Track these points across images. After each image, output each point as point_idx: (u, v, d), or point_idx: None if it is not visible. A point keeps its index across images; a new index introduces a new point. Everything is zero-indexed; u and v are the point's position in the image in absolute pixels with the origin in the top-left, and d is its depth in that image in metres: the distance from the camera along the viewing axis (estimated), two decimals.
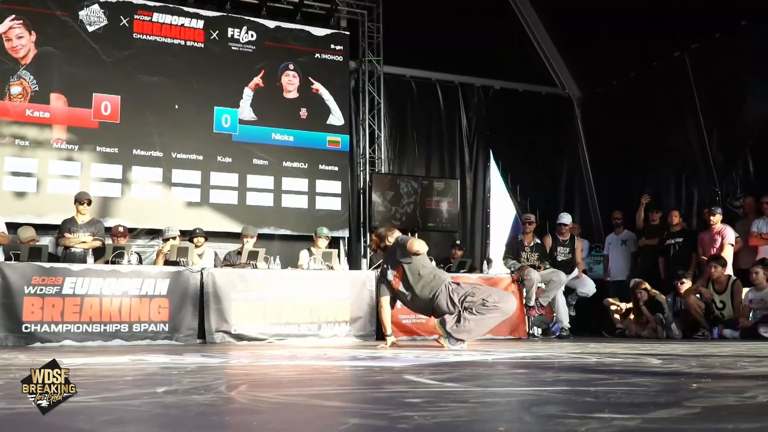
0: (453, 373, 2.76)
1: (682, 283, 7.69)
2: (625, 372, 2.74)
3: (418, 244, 5.51)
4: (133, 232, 8.62)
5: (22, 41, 8.38)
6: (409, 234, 5.75)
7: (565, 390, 2.11)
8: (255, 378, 2.77)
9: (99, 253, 7.01)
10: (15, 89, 8.30)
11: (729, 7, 8.50)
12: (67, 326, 6.08)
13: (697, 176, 9.33)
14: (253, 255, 7.20)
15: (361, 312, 7.11)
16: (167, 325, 6.40)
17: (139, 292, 6.35)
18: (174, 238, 7.53)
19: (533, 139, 10.91)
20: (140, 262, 7.36)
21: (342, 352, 4.38)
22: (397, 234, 5.83)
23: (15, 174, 8.21)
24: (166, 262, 7.08)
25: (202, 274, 6.59)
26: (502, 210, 11.08)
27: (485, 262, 8.86)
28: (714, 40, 8.95)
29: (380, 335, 7.16)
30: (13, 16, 8.34)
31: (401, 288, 5.58)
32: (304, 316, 6.87)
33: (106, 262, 6.58)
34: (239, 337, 6.58)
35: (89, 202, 7.50)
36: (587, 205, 11.28)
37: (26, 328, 5.95)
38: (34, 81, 8.37)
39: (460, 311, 5.15)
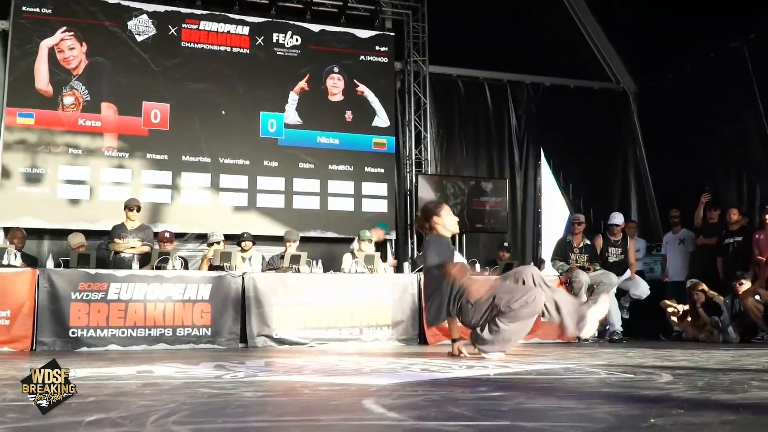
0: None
1: (741, 284, 7.33)
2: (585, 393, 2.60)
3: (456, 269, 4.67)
4: (183, 237, 8.79)
5: (74, 52, 8.62)
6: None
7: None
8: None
9: (147, 259, 7.14)
10: (68, 99, 8.54)
11: None
12: (112, 331, 6.20)
13: (758, 172, 8.90)
14: (295, 259, 7.21)
15: (404, 316, 7.03)
16: (209, 329, 6.46)
17: (182, 296, 6.44)
18: (218, 242, 7.61)
19: (586, 136, 10.60)
20: (186, 267, 7.50)
21: (385, 363, 4.27)
22: (446, 217, 4.91)
23: (69, 182, 8.45)
24: (211, 267, 7.15)
25: (243, 278, 6.64)
26: (554, 210, 10.83)
27: (538, 263, 8.67)
28: None
29: (423, 339, 7.09)
30: (65, 28, 8.59)
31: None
32: (345, 320, 6.84)
33: (152, 268, 6.69)
34: (281, 342, 6.59)
35: (138, 209, 7.65)
36: (645, 203, 10.92)
37: (73, 333, 6.09)
38: (86, 91, 8.61)
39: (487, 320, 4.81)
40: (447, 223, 4.92)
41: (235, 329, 6.55)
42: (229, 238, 8.38)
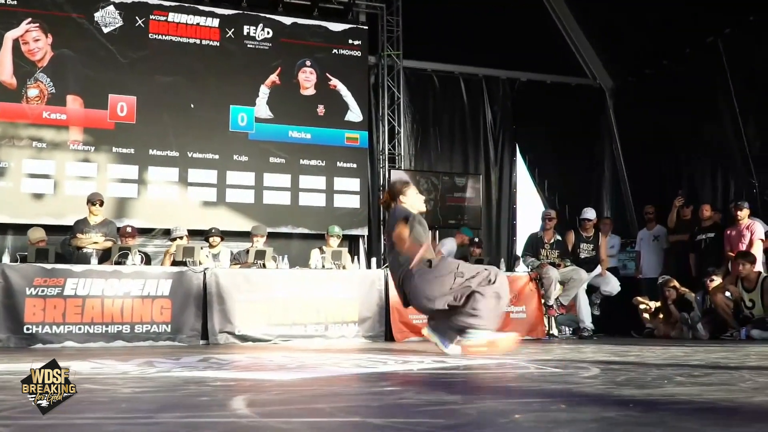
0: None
1: (712, 280, 7.26)
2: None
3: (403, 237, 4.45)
4: (151, 233, 8.65)
5: (39, 44, 8.45)
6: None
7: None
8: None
9: (108, 254, 6.99)
10: (32, 92, 8.37)
11: None
12: (68, 327, 6.05)
13: (733, 167, 8.85)
14: (260, 254, 7.09)
15: (370, 312, 6.92)
16: (169, 326, 6.32)
17: (141, 292, 6.29)
18: (181, 237, 7.47)
19: (562, 132, 10.54)
20: (148, 262, 7.35)
21: (325, 358, 4.17)
22: (412, 196, 4.78)
23: (32, 176, 8.28)
24: (174, 263, 7.01)
25: (205, 274, 6.50)
26: (529, 206, 10.76)
27: (512, 259, 8.58)
28: (748, 23, 8.47)
29: (389, 336, 6.98)
30: (30, 19, 8.41)
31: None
32: (311, 316, 6.72)
33: (112, 263, 6.55)
34: (243, 338, 6.46)
35: (101, 203, 7.50)
36: (620, 199, 10.86)
37: (28, 329, 5.94)
38: (51, 83, 8.44)
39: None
40: (414, 201, 4.78)
41: (196, 326, 6.41)
42: (197, 233, 8.25)
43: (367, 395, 2.27)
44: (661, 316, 8.01)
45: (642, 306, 8.30)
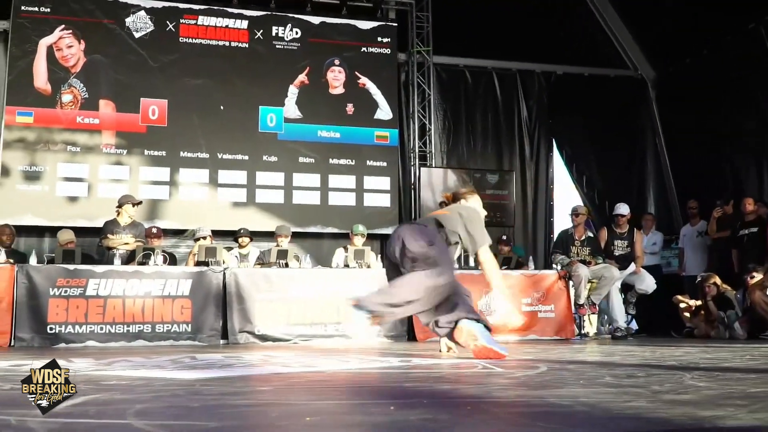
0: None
1: (752, 277, 6.92)
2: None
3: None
4: (183, 234, 8.74)
5: (72, 50, 8.64)
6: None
7: None
8: None
9: (133, 255, 7.07)
10: (66, 97, 8.57)
11: None
12: (90, 327, 6.14)
13: None
14: (282, 254, 7.07)
15: None
16: (190, 325, 6.36)
17: (161, 292, 6.35)
18: (204, 238, 7.51)
19: (601, 126, 10.24)
20: (174, 263, 7.41)
21: (317, 358, 4.10)
22: (474, 202, 4.50)
23: (67, 179, 8.47)
24: (197, 263, 7.05)
25: (224, 274, 6.52)
26: (568, 203, 10.45)
27: (551, 256, 8.35)
28: None
29: (412, 335, 6.87)
30: (63, 26, 8.61)
31: None
32: (331, 315, 6.65)
33: (136, 264, 6.62)
34: (263, 338, 6.45)
35: (134, 205, 7.54)
36: (664, 194, 10.46)
37: (51, 329, 6.05)
38: (84, 89, 8.62)
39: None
40: (476, 204, 4.51)
41: (216, 325, 6.43)
42: (227, 234, 8.32)
43: (214, 396, 2.19)
44: (701, 314, 7.68)
45: (682, 305, 7.99)
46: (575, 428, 1.53)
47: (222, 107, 8.99)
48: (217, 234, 8.11)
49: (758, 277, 6.89)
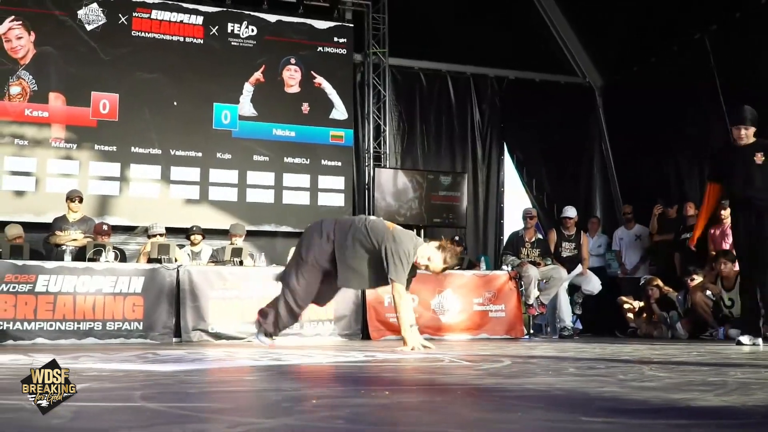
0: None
1: (693, 279, 7.20)
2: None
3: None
4: (133, 231, 8.63)
5: (21, 42, 8.44)
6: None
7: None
8: None
9: (85, 252, 6.96)
10: (14, 89, 8.37)
11: None
12: (40, 324, 6.03)
13: None
14: (236, 252, 7.06)
15: (347, 310, 6.87)
16: (141, 323, 6.29)
17: (113, 289, 6.26)
18: (161, 235, 7.44)
19: (551, 131, 10.46)
20: (123, 259, 7.32)
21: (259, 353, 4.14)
22: (425, 250, 4.76)
23: (14, 173, 8.28)
24: (149, 260, 6.98)
25: (178, 271, 6.47)
26: (518, 205, 10.68)
27: (500, 259, 8.52)
28: (734, 20, 8.38)
29: (366, 334, 6.94)
30: (12, 17, 8.41)
31: None
32: None
33: (86, 260, 6.52)
34: (217, 336, 6.42)
35: (80, 200, 7.51)
36: (610, 198, 10.78)
37: None
38: (33, 81, 8.43)
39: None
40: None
41: (169, 323, 6.37)
42: (179, 231, 8.24)
43: (204, 383, 2.24)
44: (644, 315, 7.95)
45: (626, 305, 8.26)
46: (562, 407, 1.63)
47: (175, 103, 8.90)
48: (168, 231, 8.05)
49: (698, 279, 7.17)
